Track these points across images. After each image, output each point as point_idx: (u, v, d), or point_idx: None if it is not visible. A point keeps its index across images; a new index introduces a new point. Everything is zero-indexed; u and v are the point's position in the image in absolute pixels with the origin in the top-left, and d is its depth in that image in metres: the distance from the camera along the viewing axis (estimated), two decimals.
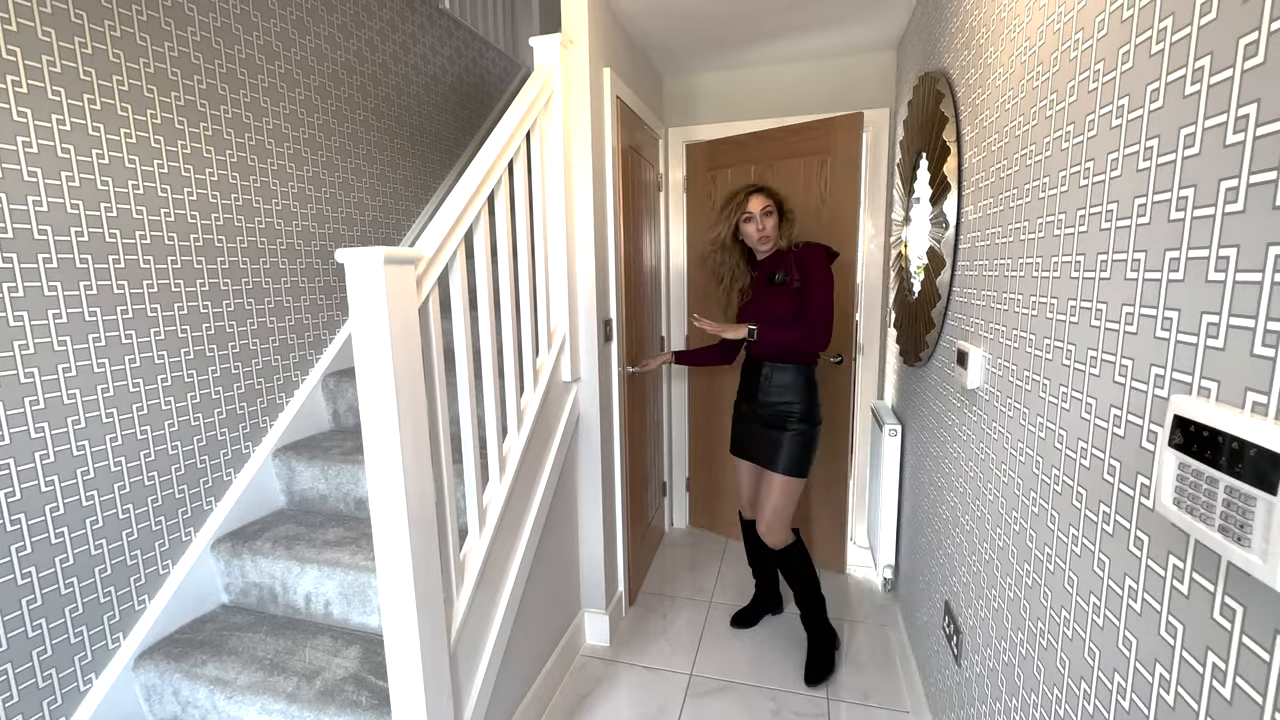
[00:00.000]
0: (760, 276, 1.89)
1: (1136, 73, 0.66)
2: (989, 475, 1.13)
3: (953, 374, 1.38)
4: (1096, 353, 0.73)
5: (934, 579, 1.54)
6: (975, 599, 1.19)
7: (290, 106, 1.88)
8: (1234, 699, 0.50)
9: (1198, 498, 0.51)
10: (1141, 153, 0.65)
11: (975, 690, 1.18)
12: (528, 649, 1.65)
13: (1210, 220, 0.53)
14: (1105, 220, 0.72)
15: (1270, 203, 0.47)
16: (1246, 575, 0.48)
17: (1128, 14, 0.68)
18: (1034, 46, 0.95)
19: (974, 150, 1.27)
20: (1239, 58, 0.50)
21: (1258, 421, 0.46)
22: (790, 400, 1.83)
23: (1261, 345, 0.47)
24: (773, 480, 1.83)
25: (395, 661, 1.13)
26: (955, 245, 1.38)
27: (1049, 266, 0.88)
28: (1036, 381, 0.92)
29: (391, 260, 1.03)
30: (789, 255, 1.82)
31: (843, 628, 2.12)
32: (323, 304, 2.02)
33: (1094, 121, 0.75)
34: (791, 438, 1.81)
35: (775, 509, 1.83)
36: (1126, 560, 0.66)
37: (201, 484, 1.62)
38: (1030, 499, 0.93)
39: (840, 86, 2.47)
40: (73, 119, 1.31)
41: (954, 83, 1.43)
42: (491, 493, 1.43)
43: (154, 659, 1.42)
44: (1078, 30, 0.80)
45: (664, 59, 2.46)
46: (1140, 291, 0.64)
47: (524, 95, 1.57)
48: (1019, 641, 0.96)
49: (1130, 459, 0.66)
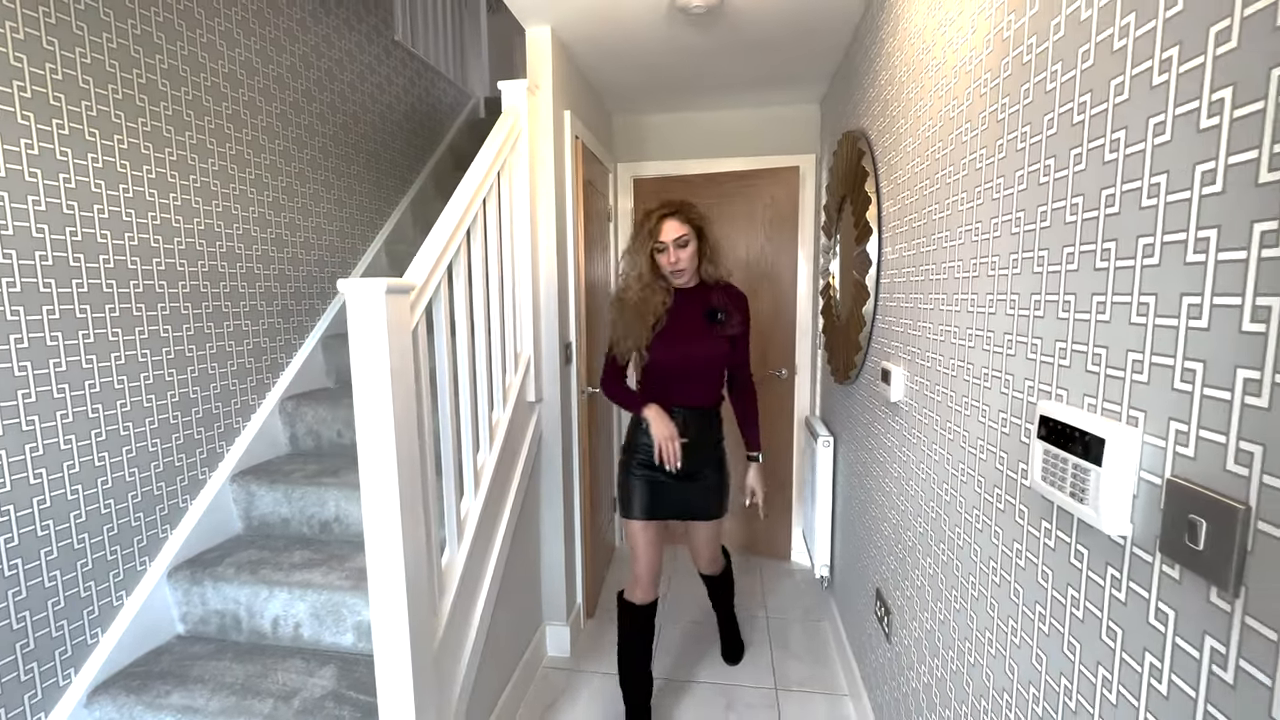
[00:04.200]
0: (680, 307, 1.66)
1: (1008, 161, 0.88)
2: (910, 474, 1.34)
3: (878, 389, 1.61)
4: (988, 370, 0.95)
5: (866, 570, 1.75)
6: (902, 580, 1.39)
7: (252, 133, 1.90)
8: (1085, 617, 0.69)
9: (1056, 473, 0.71)
10: (1013, 220, 0.87)
11: (904, 660, 1.37)
12: (496, 661, 1.71)
13: (1058, 273, 0.75)
14: (991, 268, 0.94)
15: (1091, 265, 0.68)
16: (1087, 526, 0.68)
17: (1000, 118, 0.91)
18: (935, 126, 1.19)
19: (891, 201, 1.51)
20: (1062, 166, 0.72)
21: (1090, 416, 0.66)
22: (710, 445, 1.72)
23: (1091, 364, 0.68)
24: (708, 527, 1.78)
25: (385, 669, 1.18)
26: (877, 280, 1.62)
27: (952, 302, 1.10)
28: (946, 394, 1.13)
29: (391, 290, 1.12)
30: (720, 293, 1.68)
31: (788, 625, 2.31)
32: (280, 328, 2.02)
33: (980, 192, 0.98)
34: (717, 481, 1.74)
35: (715, 549, 1.84)
36: (1014, 529, 0.86)
37: (158, 511, 1.59)
38: (944, 490, 1.14)
39: (774, 133, 2.75)
40: (41, 143, 1.31)
41: (873, 143, 1.69)
42: (468, 505, 1.51)
43: (110, 693, 1.38)
44: (966, 121, 1.03)
45: (614, 99, 2.65)
46: (1015, 323, 0.86)
47: (495, 136, 1.69)
48: (938, 610, 1.16)
49: (1013, 450, 0.86)
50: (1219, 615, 0.51)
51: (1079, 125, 0.71)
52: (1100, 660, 0.67)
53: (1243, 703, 0.49)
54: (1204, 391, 0.53)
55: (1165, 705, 0.57)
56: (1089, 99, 0.69)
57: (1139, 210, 0.61)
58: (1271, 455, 0.46)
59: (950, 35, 1.11)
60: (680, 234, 1.60)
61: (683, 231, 1.60)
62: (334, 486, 1.73)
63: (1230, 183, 0.50)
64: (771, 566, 2.80)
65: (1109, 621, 0.65)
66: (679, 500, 1.70)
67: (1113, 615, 0.65)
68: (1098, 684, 0.67)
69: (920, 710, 1.25)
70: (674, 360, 1.65)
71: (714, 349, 1.66)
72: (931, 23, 1.21)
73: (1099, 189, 0.67)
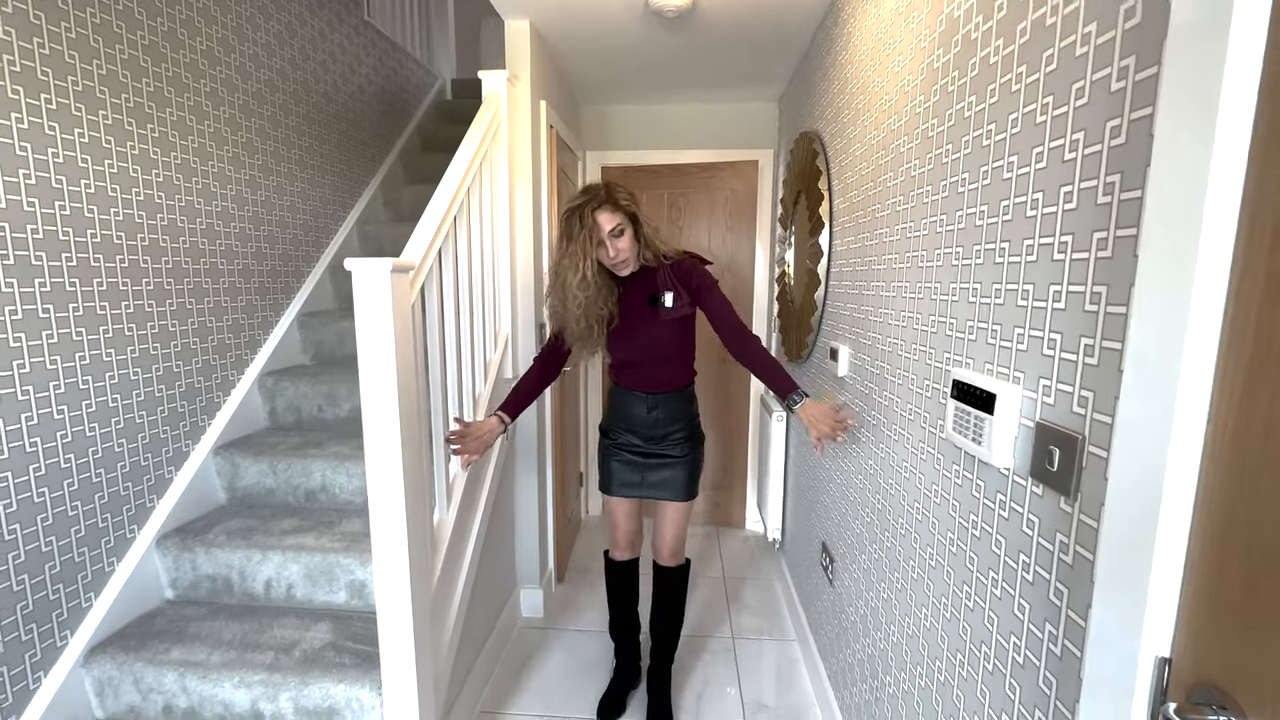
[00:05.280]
0: (629, 296, 1.59)
1: (935, 172, 1.07)
2: (852, 437, 1.54)
3: (827, 366, 1.81)
4: (916, 345, 1.14)
5: (814, 527, 1.97)
6: (844, 531, 1.60)
7: (230, 110, 1.92)
8: (981, 534, 0.89)
9: (963, 424, 0.90)
10: (938, 221, 1.05)
11: (844, 599, 1.59)
12: (478, 618, 1.84)
13: (970, 267, 0.93)
14: (920, 261, 1.13)
15: (993, 260, 0.86)
16: (984, 463, 0.88)
17: (930, 135, 1.09)
18: (879, 135, 1.37)
19: (841, 199, 1.70)
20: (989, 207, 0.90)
21: (987, 378, 0.86)
22: (680, 427, 1.70)
23: (990, 338, 0.87)
24: (675, 509, 1.75)
25: (387, 614, 1.29)
26: (828, 269, 1.81)
27: (890, 289, 1.29)
28: (883, 367, 1.33)
29: (396, 269, 1.22)
30: (663, 273, 1.56)
31: (743, 584, 2.52)
32: (258, 305, 2.05)
33: (913, 195, 1.16)
34: (686, 463, 1.70)
35: (679, 535, 1.77)
36: (933, 473, 1.06)
37: (145, 481, 1.63)
38: (880, 449, 1.34)
39: (735, 128, 2.91)
40: (30, 117, 1.33)
41: (826, 144, 1.87)
42: (455, 470, 1.63)
43: (108, 652, 1.43)
44: (904, 134, 1.22)
45: (584, 89, 2.75)
46: (937, 306, 1.05)
47: (478, 125, 1.78)
48: (874, 550, 1.37)
49: (934, 410, 1.06)
50: (1065, 516, 0.71)
51: (987, 148, 0.89)
52: (990, 566, 0.87)
53: (1078, 575, 0.68)
54: (1061, 355, 0.72)
55: (1031, 589, 0.77)
56: (994, 127, 0.87)
57: (1025, 219, 0.79)
58: (1099, 399, 0.65)
59: (891, 58, 1.29)
60: (613, 224, 1.47)
61: (616, 222, 1.47)
62: (319, 458, 1.81)
63: (1081, 201, 0.69)
64: (728, 534, 3.02)
65: (996, 535, 0.85)
66: (650, 481, 1.71)
67: (999, 530, 0.84)
68: (988, 585, 0.87)
69: (857, 638, 1.47)
70: (634, 354, 1.63)
71: (663, 333, 1.59)
72: (878, 44, 1.39)
73: (999, 200, 0.86)
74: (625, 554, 1.85)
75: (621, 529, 1.82)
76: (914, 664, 1.12)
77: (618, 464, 1.74)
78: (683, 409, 1.70)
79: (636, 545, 1.86)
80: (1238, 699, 0.50)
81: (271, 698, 1.39)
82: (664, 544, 1.78)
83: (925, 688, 1.07)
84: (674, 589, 1.82)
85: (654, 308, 1.57)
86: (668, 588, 1.81)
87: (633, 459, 1.72)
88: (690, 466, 1.72)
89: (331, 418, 2.03)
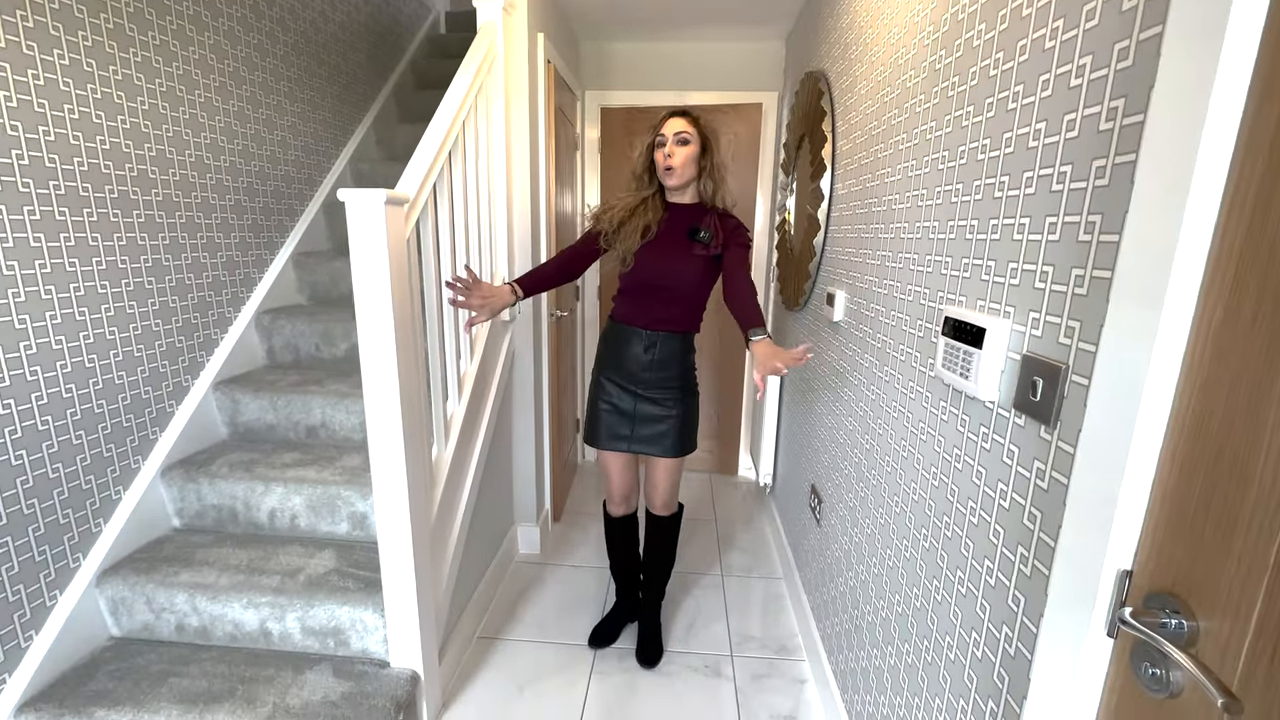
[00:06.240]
0: (671, 221, 1.58)
1: (940, 106, 1.04)
2: (845, 382, 1.56)
3: (823, 312, 1.81)
4: (911, 286, 1.14)
5: (804, 470, 2.01)
6: (834, 473, 1.65)
7: (215, 37, 1.84)
8: (963, 466, 0.92)
9: (952, 360, 0.91)
10: (940, 158, 1.03)
11: (830, 536, 1.64)
12: (476, 552, 1.90)
13: (968, 203, 0.93)
14: (920, 200, 1.12)
15: (991, 194, 0.86)
16: (970, 397, 0.89)
17: (937, 67, 1.06)
18: (886, 71, 1.33)
19: (844, 140, 1.66)
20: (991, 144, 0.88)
21: (978, 314, 0.86)
22: (674, 375, 1.64)
23: (984, 275, 0.87)
24: (667, 464, 1.71)
25: (388, 543, 1.34)
26: (829, 214, 1.79)
27: (888, 230, 1.29)
28: (878, 310, 1.33)
29: (390, 201, 1.20)
30: (712, 216, 1.56)
31: (734, 526, 2.60)
32: (252, 242, 2.03)
33: (917, 133, 1.14)
34: (680, 418, 1.66)
35: (671, 487, 1.75)
36: (920, 411, 1.08)
37: (146, 414, 1.66)
38: (871, 391, 1.36)
39: (740, 68, 2.81)
40: (7, 35, 1.28)
41: (831, 84, 1.82)
42: (453, 407, 1.65)
43: (120, 574, 1.49)
44: (911, 69, 1.18)
45: (582, 24, 2.63)
46: (934, 245, 1.04)
47: (472, 57, 1.72)
48: (860, 490, 1.41)
49: (925, 349, 1.07)
50: (1043, 444, 0.73)
51: (994, 78, 0.87)
52: (969, 496, 0.90)
53: (1052, 499, 0.71)
54: (1053, 288, 0.72)
55: (1006, 515, 0.80)
56: (1002, 55, 0.85)
57: (1026, 150, 0.78)
58: (1085, 328, 0.66)
59: None
60: (682, 130, 1.50)
61: (686, 129, 1.50)
62: (319, 395, 1.83)
63: (1084, 129, 0.68)
64: (720, 480, 3.10)
65: (978, 466, 0.88)
66: (641, 435, 1.66)
67: (980, 461, 0.87)
68: (966, 513, 0.90)
69: (840, 572, 1.53)
70: (655, 273, 1.57)
71: (687, 265, 1.56)
72: None
73: (1001, 133, 0.84)
74: (621, 509, 1.83)
75: (615, 483, 1.79)
76: (892, 592, 1.18)
77: (606, 412, 1.68)
78: (680, 354, 1.64)
79: (633, 500, 1.84)
80: (1190, 603, 0.53)
81: (279, 618, 1.45)
82: (656, 495, 1.77)
83: (901, 614, 1.13)
84: (667, 534, 1.85)
85: (691, 240, 1.56)
86: (661, 533, 1.85)
87: (620, 406, 1.66)
88: (682, 423, 1.66)
89: (329, 357, 2.05)
